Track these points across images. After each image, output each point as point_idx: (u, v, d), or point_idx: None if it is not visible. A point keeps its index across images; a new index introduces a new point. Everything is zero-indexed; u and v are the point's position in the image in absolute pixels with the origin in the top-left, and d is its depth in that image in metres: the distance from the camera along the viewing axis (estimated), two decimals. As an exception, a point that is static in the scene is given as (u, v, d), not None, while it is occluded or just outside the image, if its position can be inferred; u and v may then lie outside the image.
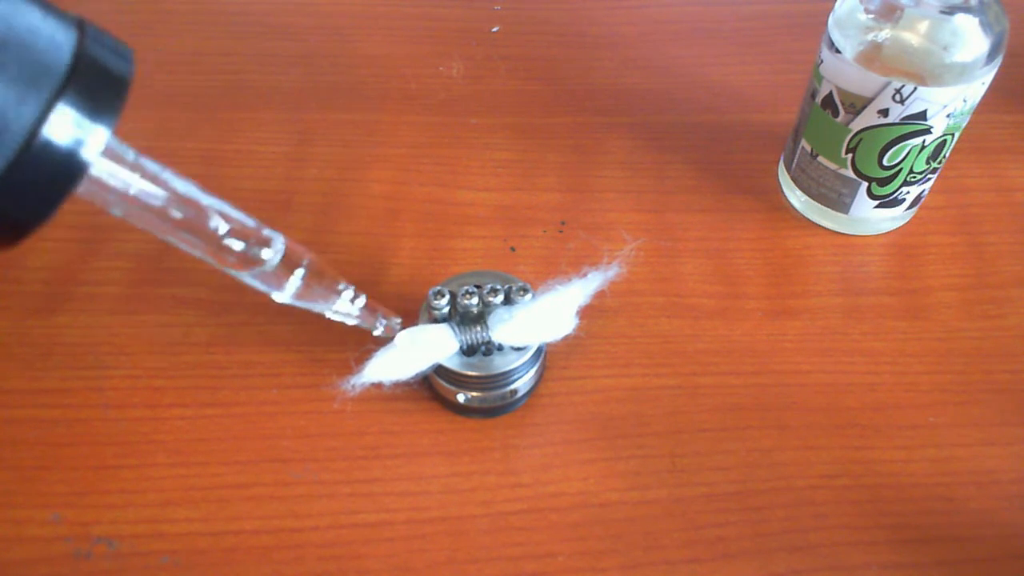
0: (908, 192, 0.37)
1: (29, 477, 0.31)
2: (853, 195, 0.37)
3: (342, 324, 0.35)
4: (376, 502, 0.30)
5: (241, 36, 0.48)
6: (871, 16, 0.33)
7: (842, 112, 0.34)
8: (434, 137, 0.43)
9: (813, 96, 0.36)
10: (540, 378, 0.33)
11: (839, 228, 0.39)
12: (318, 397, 0.33)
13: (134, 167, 0.21)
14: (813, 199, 0.39)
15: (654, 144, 0.43)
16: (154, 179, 0.22)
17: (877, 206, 0.37)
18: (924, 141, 0.34)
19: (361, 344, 0.32)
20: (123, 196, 0.22)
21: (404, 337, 0.30)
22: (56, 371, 0.34)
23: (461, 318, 0.31)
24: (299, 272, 0.27)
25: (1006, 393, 0.34)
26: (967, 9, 0.31)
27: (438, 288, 0.31)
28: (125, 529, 0.30)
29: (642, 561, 0.29)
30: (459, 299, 0.31)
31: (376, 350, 0.30)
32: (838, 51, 0.33)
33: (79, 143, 0.18)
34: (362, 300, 0.29)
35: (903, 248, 0.39)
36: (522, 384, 0.32)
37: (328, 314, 0.29)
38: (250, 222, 0.25)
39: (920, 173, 0.36)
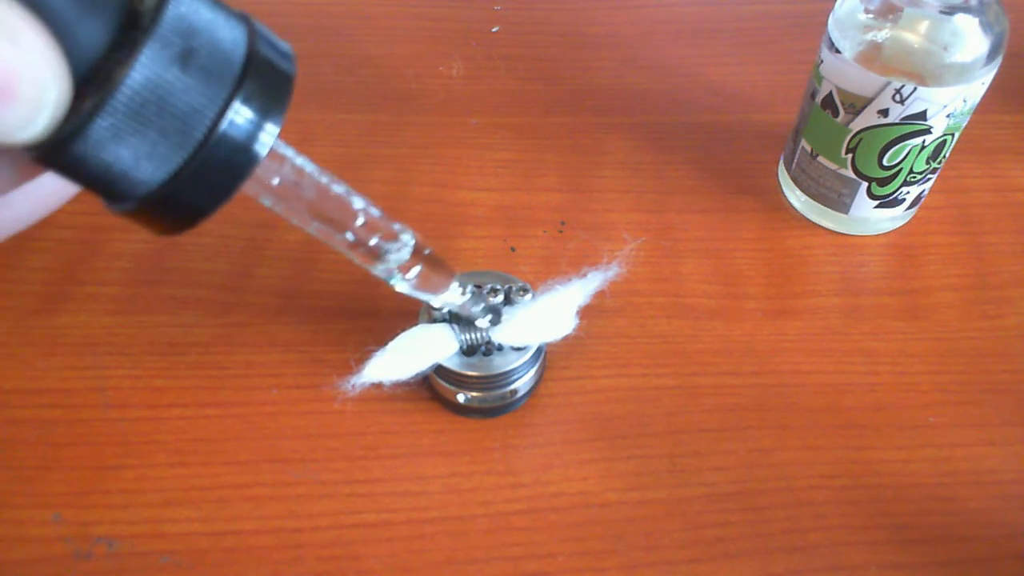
0: (908, 192, 0.37)
1: (29, 477, 0.31)
2: (853, 195, 0.37)
3: (342, 324, 0.35)
4: (376, 502, 0.30)
5: (241, 36, 0.48)
6: (871, 16, 0.33)
7: (842, 112, 0.34)
8: (434, 137, 0.43)
9: (813, 96, 0.36)
10: (540, 378, 0.33)
11: (839, 228, 0.39)
12: (318, 397, 0.33)
13: (285, 160, 0.22)
14: (813, 199, 0.39)
15: (654, 144, 0.43)
16: (304, 174, 0.23)
17: (877, 206, 0.37)
18: (924, 141, 0.34)
19: (361, 344, 0.32)
20: (275, 189, 0.22)
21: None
22: (56, 371, 0.34)
23: (461, 318, 0.31)
24: (417, 268, 0.27)
25: (1006, 393, 0.34)
26: (967, 9, 0.31)
27: (438, 288, 0.31)
28: (125, 529, 0.30)
29: (642, 561, 0.29)
30: (459, 299, 0.31)
31: (376, 350, 0.30)
32: (838, 51, 0.33)
33: (253, 137, 0.19)
34: (469, 292, 0.29)
35: (903, 248, 0.39)
36: (522, 384, 0.32)
37: (435, 302, 0.29)
38: (386, 220, 0.26)
39: (920, 173, 0.36)
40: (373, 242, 0.25)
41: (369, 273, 0.37)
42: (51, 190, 0.23)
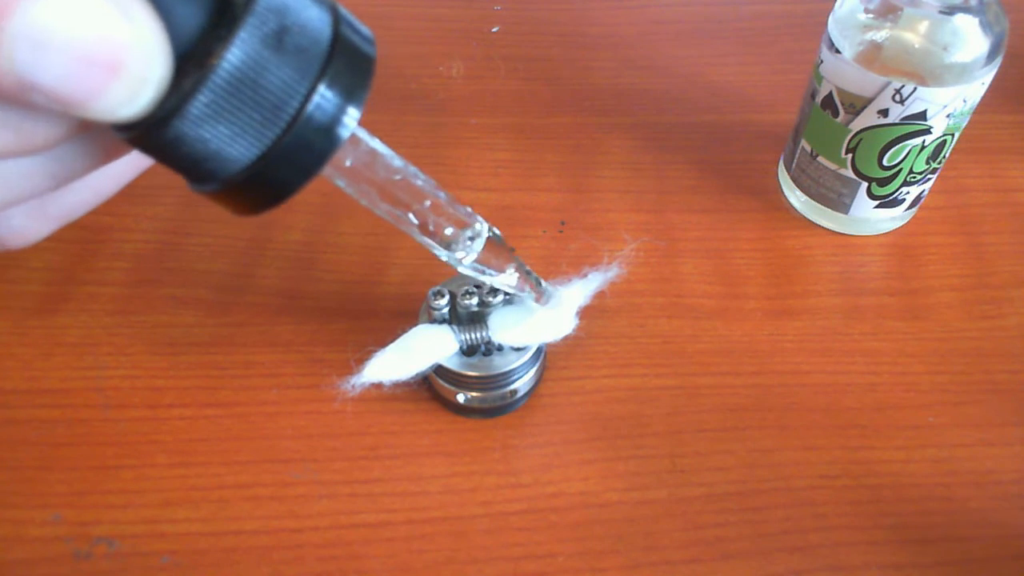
0: (908, 192, 0.37)
1: (29, 477, 0.31)
2: (853, 195, 0.37)
3: (342, 324, 0.35)
4: (376, 502, 0.30)
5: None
6: (871, 16, 0.33)
7: (842, 112, 0.34)
8: (434, 137, 0.43)
9: (813, 96, 0.36)
10: (540, 378, 0.33)
11: (839, 228, 0.39)
12: (318, 397, 0.33)
13: (360, 143, 0.22)
14: (813, 199, 0.39)
15: (654, 144, 0.43)
16: (378, 157, 0.23)
17: (877, 206, 0.37)
18: (924, 141, 0.34)
19: (361, 344, 0.32)
20: (348, 170, 0.22)
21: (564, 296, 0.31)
22: (56, 371, 0.34)
23: (461, 318, 0.31)
24: (479, 247, 0.27)
25: (1006, 393, 0.34)
26: (967, 9, 0.31)
27: (438, 288, 0.31)
28: (125, 529, 0.30)
29: (642, 561, 0.29)
30: (459, 299, 0.31)
31: (376, 350, 0.30)
32: (838, 51, 0.33)
33: (336, 120, 0.19)
34: (524, 272, 0.29)
35: (903, 248, 0.39)
36: (522, 384, 0.32)
37: (489, 281, 0.29)
38: (453, 203, 0.26)
39: (920, 173, 0.36)
40: (449, 231, 0.26)
41: (369, 273, 0.37)
42: (113, 174, 0.23)
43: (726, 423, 0.33)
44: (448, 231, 0.26)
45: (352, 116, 0.19)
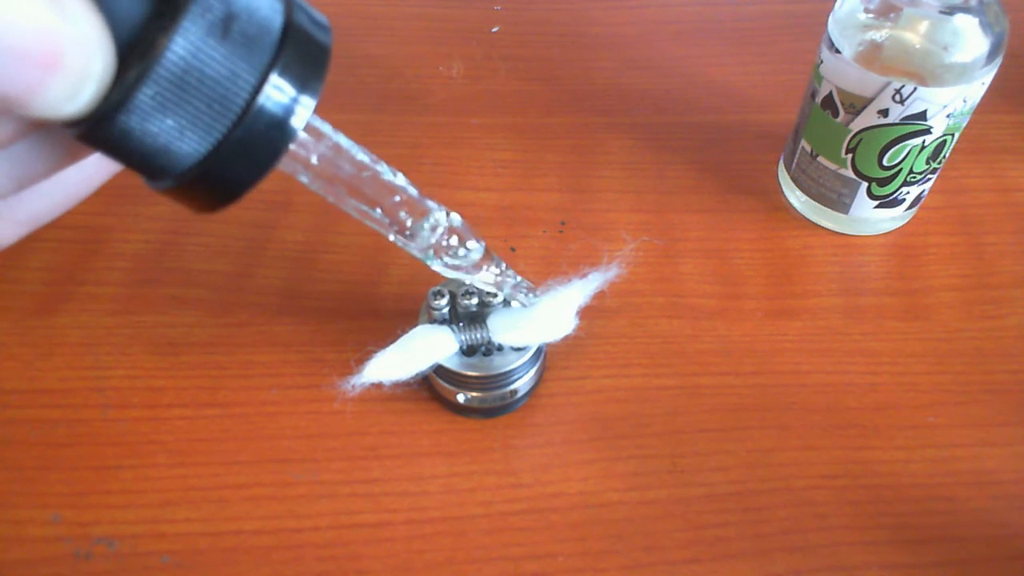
0: (908, 192, 0.37)
1: (29, 477, 0.31)
2: (853, 195, 0.37)
3: (342, 324, 0.35)
4: (376, 502, 0.30)
5: (241, 36, 0.48)
6: (871, 16, 0.33)
7: (842, 112, 0.34)
8: (434, 137, 0.43)
9: (813, 96, 0.36)
10: (540, 378, 0.33)
11: (839, 228, 0.39)
12: (318, 397, 0.33)
13: (322, 136, 0.22)
14: (813, 199, 0.39)
15: (654, 144, 0.43)
16: (341, 151, 0.22)
17: (877, 206, 0.37)
18: (924, 141, 0.34)
19: (361, 344, 0.32)
20: (313, 166, 0.22)
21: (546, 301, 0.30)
22: (56, 371, 0.34)
23: (461, 318, 0.31)
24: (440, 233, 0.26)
25: (1006, 393, 0.34)
26: (967, 9, 0.31)
27: (438, 288, 0.31)
28: (125, 529, 0.30)
29: (642, 561, 0.29)
30: (459, 299, 0.31)
31: (376, 350, 0.30)
32: (838, 51, 0.33)
33: (290, 111, 0.19)
34: (502, 270, 0.29)
35: (903, 248, 0.39)
36: (522, 384, 0.32)
37: (468, 279, 0.28)
38: (423, 199, 0.25)
39: (920, 173, 0.36)
40: (413, 224, 0.25)
41: (369, 273, 0.37)
42: (82, 177, 0.23)
43: (726, 423, 0.33)
44: (415, 224, 0.25)
45: (307, 106, 0.19)
